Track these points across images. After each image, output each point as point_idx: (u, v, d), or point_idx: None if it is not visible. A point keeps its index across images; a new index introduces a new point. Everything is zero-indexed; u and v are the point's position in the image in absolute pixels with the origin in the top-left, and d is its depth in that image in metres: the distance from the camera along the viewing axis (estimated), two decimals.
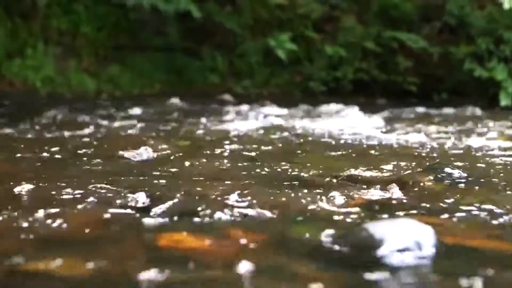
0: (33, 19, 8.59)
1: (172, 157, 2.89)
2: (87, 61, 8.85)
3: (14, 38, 8.39)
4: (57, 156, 2.87)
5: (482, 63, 8.33)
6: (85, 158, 2.81)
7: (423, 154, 3.12)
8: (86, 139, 3.73)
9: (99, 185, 2.02)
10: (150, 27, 9.38)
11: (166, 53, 9.30)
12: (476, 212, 1.75)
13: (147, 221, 1.64)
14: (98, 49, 9.01)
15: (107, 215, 1.67)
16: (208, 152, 3.08)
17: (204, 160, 2.76)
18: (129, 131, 4.24)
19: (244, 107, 6.43)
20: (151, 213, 1.69)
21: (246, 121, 5.12)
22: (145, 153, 2.90)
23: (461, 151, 3.26)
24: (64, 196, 1.91)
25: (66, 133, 4.01)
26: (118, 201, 1.81)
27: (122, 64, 9.00)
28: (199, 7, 8.63)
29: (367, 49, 9.40)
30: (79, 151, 3.02)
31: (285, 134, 4.23)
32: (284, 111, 6.18)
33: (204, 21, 8.99)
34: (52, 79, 8.30)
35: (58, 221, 1.61)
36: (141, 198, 1.83)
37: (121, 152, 2.91)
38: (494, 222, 1.67)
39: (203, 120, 5.12)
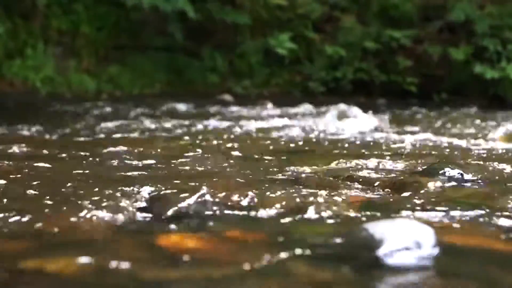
0: (33, 19, 8.59)
1: (172, 157, 2.89)
2: (87, 61, 8.85)
3: (14, 38, 8.39)
4: (56, 156, 2.87)
5: (491, 65, 8.34)
6: (84, 158, 2.82)
7: (423, 154, 3.12)
8: (86, 139, 3.73)
9: (98, 185, 2.02)
10: (150, 27, 9.37)
11: (166, 53, 9.30)
12: (476, 212, 1.75)
13: (146, 221, 1.64)
14: (98, 49, 9.01)
15: (106, 215, 1.67)
16: (208, 152, 3.08)
17: (204, 160, 2.76)
18: (129, 131, 4.24)
19: (244, 107, 6.44)
20: (151, 213, 1.69)
21: (246, 121, 5.13)
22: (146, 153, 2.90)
23: (461, 151, 3.26)
24: (64, 197, 1.91)
25: (65, 133, 4.02)
26: (117, 201, 1.81)
27: (122, 64, 9.00)
28: (200, 7, 8.63)
29: (367, 49, 9.40)
30: (78, 151, 3.02)
31: (285, 134, 4.23)
32: (284, 111, 6.18)
33: (204, 21, 8.99)
34: (52, 79, 8.31)
35: (58, 221, 1.61)
36: (141, 198, 1.83)
37: (121, 152, 2.91)
38: (494, 222, 1.67)
39: (203, 120, 5.12)
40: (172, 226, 1.58)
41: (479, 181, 2.26)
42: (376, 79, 9.36)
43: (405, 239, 1.31)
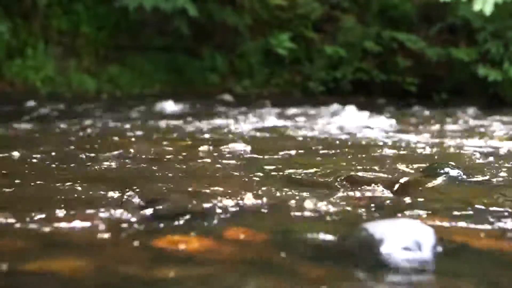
0: (33, 19, 8.59)
1: (172, 157, 2.90)
2: (87, 61, 8.85)
3: (14, 38, 8.39)
4: (56, 156, 2.87)
5: (493, 66, 8.33)
6: (85, 158, 2.82)
7: (423, 154, 3.12)
8: (86, 139, 3.73)
9: (98, 185, 2.02)
10: (150, 27, 9.37)
11: (166, 53, 9.30)
12: (476, 212, 1.76)
13: (146, 221, 1.64)
14: (98, 49, 9.01)
15: (106, 215, 1.67)
16: (208, 152, 3.08)
17: (204, 160, 2.76)
18: (129, 131, 4.24)
19: (244, 107, 6.44)
20: (151, 213, 1.69)
21: (246, 121, 5.13)
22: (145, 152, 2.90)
23: (461, 151, 3.26)
24: (64, 197, 1.91)
25: (66, 133, 4.02)
26: (117, 201, 1.81)
27: (122, 64, 9.00)
28: (200, 7, 8.62)
29: (367, 49, 9.40)
30: (79, 151, 3.02)
31: (285, 134, 4.23)
32: (284, 111, 6.18)
33: (204, 21, 8.99)
34: (52, 79, 8.31)
35: (58, 221, 1.61)
36: (141, 198, 1.83)
37: (120, 152, 2.91)
38: (494, 222, 1.67)
39: (203, 120, 5.13)
40: (172, 226, 1.58)
41: (479, 181, 2.26)
42: (376, 79, 9.36)
43: (405, 239, 1.31)
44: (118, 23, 9.20)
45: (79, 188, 2.00)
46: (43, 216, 1.64)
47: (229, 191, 1.95)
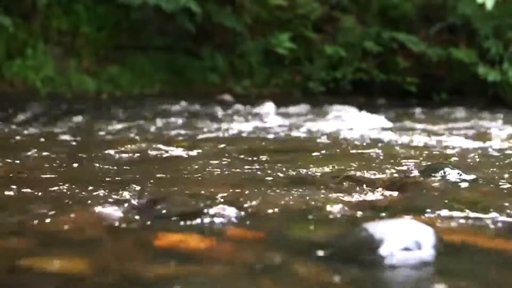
0: (33, 19, 8.59)
1: (172, 157, 2.90)
2: (87, 61, 8.85)
3: (14, 38, 8.39)
4: (57, 156, 2.87)
5: (493, 66, 8.33)
6: (85, 158, 2.82)
7: (423, 154, 3.12)
8: (85, 139, 3.73)
9: (99, 185, 2.02)
10: (151, 26, 9.37)
11: (166, 53, 9.30)
12: (476, 212, 1.76)
13: (146, 220, 1.64)
14: (98, 49, 9.01)
15: (106, 215, 1.67)
16: (208, 152, 3.08)
17: (204, 160, 2.76)
18: (128, 131, 4.24)
19: (244, 107, 6.44)
20: (151, 213, 1.69)
21: (245, 121, 5.13)
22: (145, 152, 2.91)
23: (461, 151, 3.26)
24: (65, 196, 1.91)
25: (65, 133, 4.02)
26: (117, 201, 1.81)
27: (122, 64, 9.00)
28: (200, 7, 8.62)
29: (367, 49, 9.41)
30: (77, 151, 3.02)
31: (285, 134, 4.23)
32: (284, 111, 6.18)
33: (204, 21, 8.99)
34: (52, 79, 8.31)
35: (58, 220, 1.61)
36: (141, 198, 1.83)
37: (121, 152, 2.91)
38: (494, 221, 1.67)
39: (203, 120, 5.13)
40: (172, 226, 1.59)
41: (479, 181, 2.26)
42: (376, 79, 9.37)
43: (405, 239, 1.31)
44: (118, 23, 9.20)
45: (79, 188, 2.00)
46: (42, 215, 1.64)
47: (229, 191, 1.95)
